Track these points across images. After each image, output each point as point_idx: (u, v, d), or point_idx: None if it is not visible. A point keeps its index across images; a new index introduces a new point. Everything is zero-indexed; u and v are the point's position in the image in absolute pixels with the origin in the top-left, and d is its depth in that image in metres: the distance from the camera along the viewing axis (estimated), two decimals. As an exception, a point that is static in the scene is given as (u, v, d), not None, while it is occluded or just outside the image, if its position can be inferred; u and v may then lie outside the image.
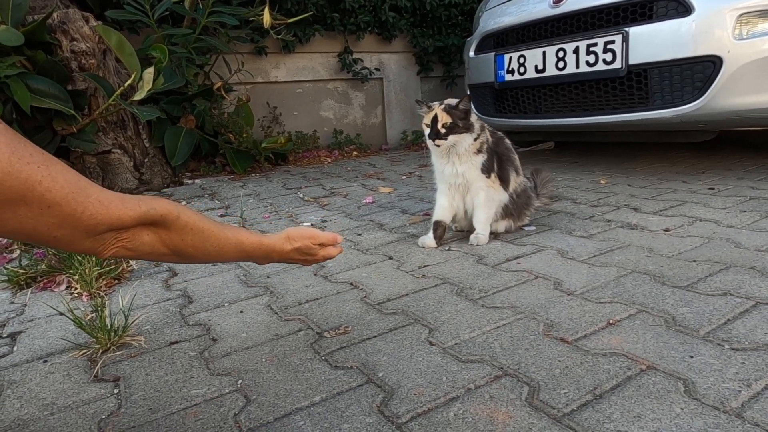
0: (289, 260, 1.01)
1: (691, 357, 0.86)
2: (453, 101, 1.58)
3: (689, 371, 0.82)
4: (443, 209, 1.66)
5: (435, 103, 1.60)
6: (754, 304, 1.04)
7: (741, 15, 1.97)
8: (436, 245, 1.63)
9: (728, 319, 0.98)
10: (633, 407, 0.75)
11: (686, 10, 2.08)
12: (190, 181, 3.31)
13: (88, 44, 2.76)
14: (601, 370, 0.85)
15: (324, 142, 4.43)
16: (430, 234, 1.65)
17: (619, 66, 2.27)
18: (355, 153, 4.33)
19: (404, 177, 3.05)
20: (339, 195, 2.61)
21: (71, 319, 1.10)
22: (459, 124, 1.54)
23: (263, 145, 3.61)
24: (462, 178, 1.60)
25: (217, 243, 0.81)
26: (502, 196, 1.65)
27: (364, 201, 2.40)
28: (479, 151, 1.59)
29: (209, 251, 0.80)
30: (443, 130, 1.53)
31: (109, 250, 0.67)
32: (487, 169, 1.60)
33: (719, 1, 2.02)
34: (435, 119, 1.54)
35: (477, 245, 1.61)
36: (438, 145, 1.56)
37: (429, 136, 1.57)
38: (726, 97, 2.06)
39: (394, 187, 2.71)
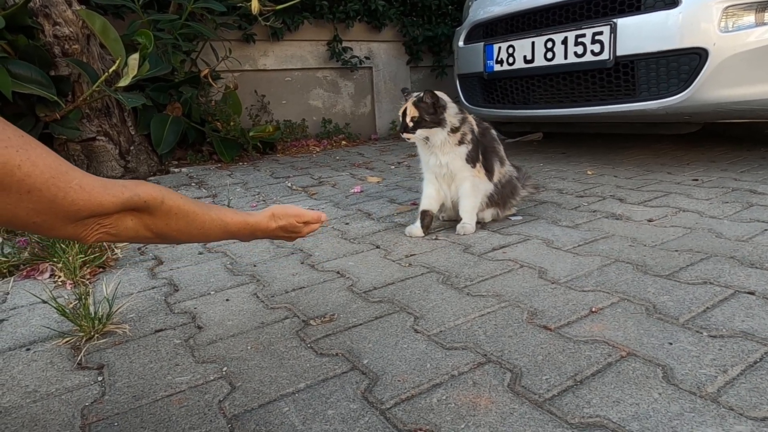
0: (274, 237, 1.02)
1: (671, 344, 0.88)
2: (438, 93, 1.58)
3: (668, 358, 0.84)
4: (430, 198, 1.66)
5: (414, 94, 1.61)
6: (732, 292, 1.06)
7: (727, 8, 1.99)
8: (423, 234, 1.64)
9: (707, 307, 1.00)
10: (612, 392, 0.76)
11: (673, 2, 2.09)
12: (176, 170, 3.27)
13: (71, 29, 2.71)
14: (583, 357, 0.86)
15: (312, 131, 4.41)
16: (417, 223, 1.65)
17: (607, 57, 2.28)
18: (343, 142, 4.31)
19: (393, 167, 3.05)
20: (327, 184, 2.61)
21: (54, 307, 1.10)
22: (426, 119, 1.53)
23: (251, 133, 3.58)
24: (446, 169, 1.61)
25: (202, 225, 0.80)
26: (487, 186, 1.66)
27: (353, 190, 2.40)
28: (461, 142, 1.59)
29: (193, 233, 0.80)
30: (411, 124, 1.54)
31: (93, 236, 0.66)
32: (472, 159, 1.61)
33: (706, -7, 2.04)
34: (404, 112, 1.54)
35: (464, 234, 1.62)
36: (406, 139, 1.57)
37: (398, 128, 1.57)
38: (711, 89, 2.08)
39: (382, 177, 2.71)
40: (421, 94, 1.56)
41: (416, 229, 1.64)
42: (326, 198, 2.29)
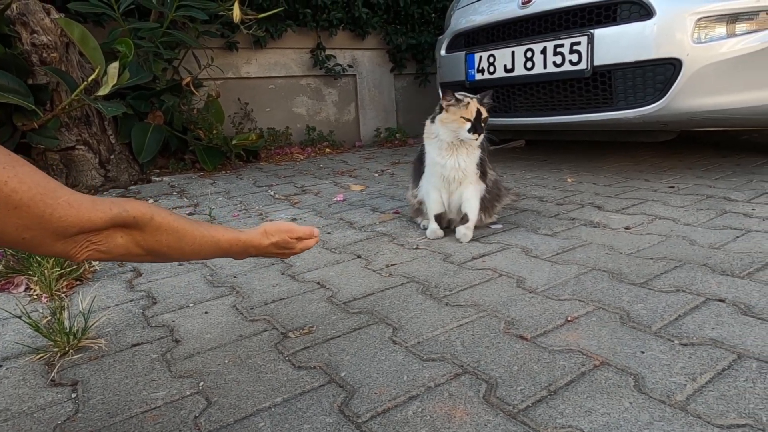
0: (267, 254, 1.01)
1: (643, 352, 0.90)
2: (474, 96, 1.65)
3: (640, 366, 0.85)
4: (437, 203, 1.70)
5: (461, 93, 1.62)
6: (703, 300, 1.08)
7: (699, 19, 2.04)
8: (444, 234, 1.71)
9: (679, 315, 1.02)
10: (585, 402, 0.77)
11: (648, 14, 2.14)
12: (158, 179, 3.25)
13: (49, 37, 2.68)
14: (557, 367, 0.87)
15: (297, 138, 4.40)
16: (435, 225, 1.71)
17: (585, 67, 2.32)
18: (327, 150, 4.32)
19: (376, 174, 3.06)
20: (310, 193, 2.61)
21: (27, 323, 1.08)
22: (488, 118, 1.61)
23: (234, 141, 3.57)
24: (461, 172, 1.63)
25: (193, 242, 0.80)
26: (482, 188, 1.71)
27: (335, 199, 2.40)
28: (481, 144, 1.65)
29: (185, 250, 0.80)
30: (483, 125, 1.59)
31: (83, 253, 0.67)
32: (481, 162, 1.66)
33: (679, 5, 2.08)
34: (479, 114, 1.56)
35: (465, 242, 1.64)
36: (476, 139, 1.59)
37: (470, 130, 1.56)
38: (685, 98, 2.12)
39: (365, 185, 2.71)
40: (481, 96, 1.63)
41: (438, 231, 1.71)
42: (309, 207, 2.29)
